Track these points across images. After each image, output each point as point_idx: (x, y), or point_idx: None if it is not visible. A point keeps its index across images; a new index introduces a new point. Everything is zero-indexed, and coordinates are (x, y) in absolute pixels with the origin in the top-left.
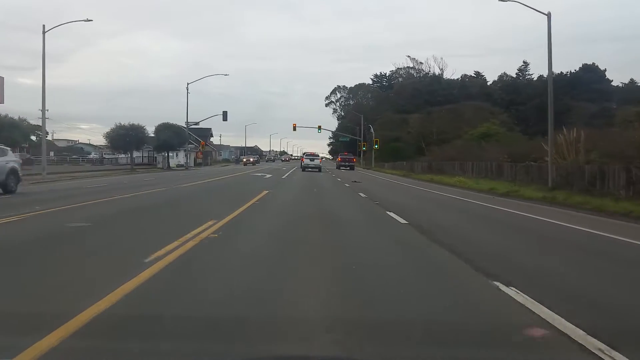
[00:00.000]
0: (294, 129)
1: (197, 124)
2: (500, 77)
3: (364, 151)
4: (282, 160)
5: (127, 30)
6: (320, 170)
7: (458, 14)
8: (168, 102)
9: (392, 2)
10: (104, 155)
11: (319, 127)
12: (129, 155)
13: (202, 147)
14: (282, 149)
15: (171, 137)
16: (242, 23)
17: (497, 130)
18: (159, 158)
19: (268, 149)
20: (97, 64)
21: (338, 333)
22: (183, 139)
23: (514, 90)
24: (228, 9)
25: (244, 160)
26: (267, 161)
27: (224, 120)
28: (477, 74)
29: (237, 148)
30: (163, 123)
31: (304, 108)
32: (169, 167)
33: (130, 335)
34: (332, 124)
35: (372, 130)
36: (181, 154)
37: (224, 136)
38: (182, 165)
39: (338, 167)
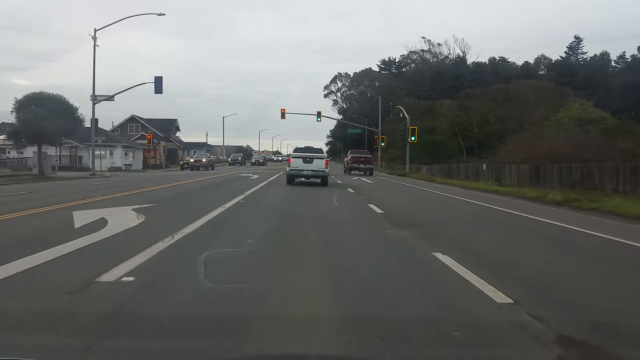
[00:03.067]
0: (283, 116)
1: (111, 98)
2: (538, 59)
3: (382, 148)
4: (254, 163)
5: (119, 31)
6: (326, 183)
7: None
8: (162, 103)
9: (387, 2)
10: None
11: (319, 114)
12: None
13: (150, 143)
14: (275, 149)
15: (43, 118)
16: (235, 23)
17: (599, 114)
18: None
19: (264, 150)
20: (89, 65)
21: None
22: (70, 122)
23: (567, 72)
24: (220, 9)
25: (191, 161)
26: (230, 164)
27: (156, 92)
28: (503, 59)
29: (222, 147)
30: (31, 94)
31: (300, 109)
32: (42, 173)
33: None
34: (334, 114)
35: (403, 114)
36: (118, 152)
37: (215, 136)
38: (116, 169)
39: (348, 171)
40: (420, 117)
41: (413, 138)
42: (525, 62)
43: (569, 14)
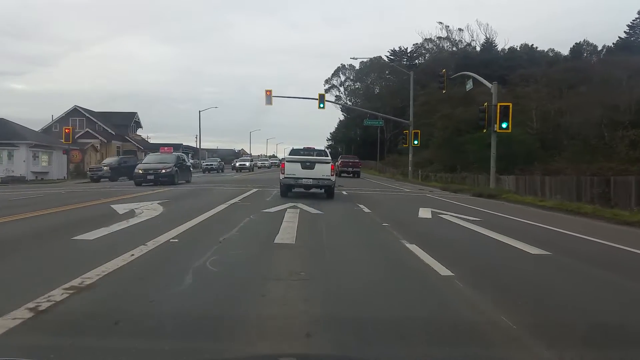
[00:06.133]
0: (269, 100)
1: None
2: (578, 45)
3: (414, 147)
4: (142, 178)
5: (114, 36)
6: (332, 195)
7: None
8: (159, 107)
9: (382, 4)
10: None
11: (321, 97)
12: None
13: (69, 140)
14: (271, 153)
15: None
16: (233, 29)
17: None
18: None
19: (258, 153)
20: (86, 69)
21: None
22: None
23: (634, 54)
24: (217, 15)
25: None
26: (95, 177)
27: None
28: (533, 47)
29: (201, 151)
30: None
31: (298, 112)
32: None
33: None
34: (334, 116)
35: (481, 82)
36: (20, 154)
37: (211, 140)
38: None
39: (338, 174)
40: (454, 108)
41: (505, 125)
42: (575, 44)
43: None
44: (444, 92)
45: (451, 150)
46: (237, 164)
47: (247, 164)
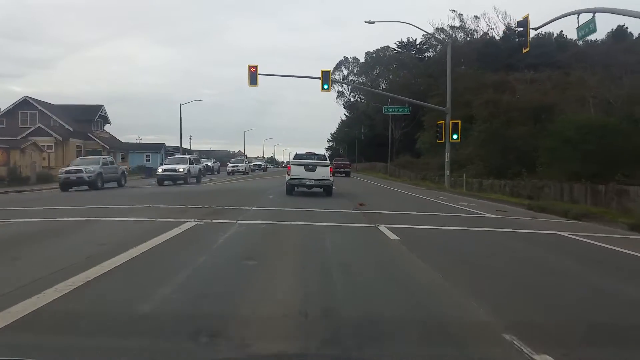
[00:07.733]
0: (253, 80)
1: None
2: (621, 28)
3: (452, 142)
4: None
5: (112, 38)
6: (330, 193)
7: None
8: (158, 109)
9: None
10: None
11: (325, 76)
12: None
13: None
14: (269, 155)
15: None
16: (230, 31)
17: None
18: None
19: (255, 155)
20: (84, 72)
21: None
22: None
23: None
24: (216, 18)
25: None
26: None
27: None
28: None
29: (204, 152)
30: None
31: (296, 114)
32: None
33: None
34: (335, 116)
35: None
36: None
37: (208, 143)
38: None
39: None
40: (497, 93)
41: None
42: (619, 26)
43: None
44: (525, 50)
45: (500, 149)
46: (161, 170)
47: (181, 168)
